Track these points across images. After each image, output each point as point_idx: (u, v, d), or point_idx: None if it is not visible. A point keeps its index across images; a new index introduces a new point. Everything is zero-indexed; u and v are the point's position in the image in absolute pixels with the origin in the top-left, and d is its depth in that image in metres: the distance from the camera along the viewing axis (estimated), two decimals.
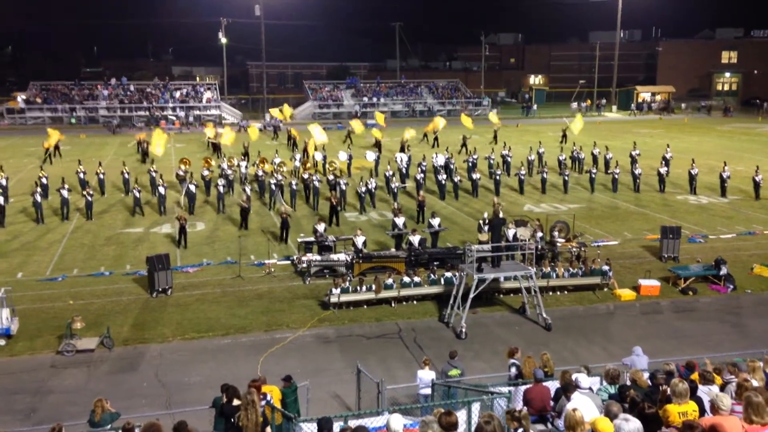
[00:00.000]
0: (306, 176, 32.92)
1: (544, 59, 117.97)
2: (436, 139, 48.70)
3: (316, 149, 38.63)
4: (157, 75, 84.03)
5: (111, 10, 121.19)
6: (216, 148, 45.28)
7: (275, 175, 32.51)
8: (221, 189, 30.82)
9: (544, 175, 34.63)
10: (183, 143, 53.31)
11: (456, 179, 33.63)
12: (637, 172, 34.87)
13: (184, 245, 25.04)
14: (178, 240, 25.23)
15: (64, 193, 29.16)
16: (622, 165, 36.94)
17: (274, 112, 56.62)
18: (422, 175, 33.35)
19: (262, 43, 74.75)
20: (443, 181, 33.12)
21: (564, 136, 48.06)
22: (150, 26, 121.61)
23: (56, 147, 43.47)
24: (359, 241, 22.79)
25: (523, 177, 34.55)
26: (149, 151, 42.61)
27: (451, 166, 36.22)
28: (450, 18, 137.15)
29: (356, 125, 48.84)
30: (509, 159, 38.51)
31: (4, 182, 31.41)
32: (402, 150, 40.67)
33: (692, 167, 34.21)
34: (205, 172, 33.86)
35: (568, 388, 9.39)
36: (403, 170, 36.03)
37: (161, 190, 30.18)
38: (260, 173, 33.65)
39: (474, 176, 34.06)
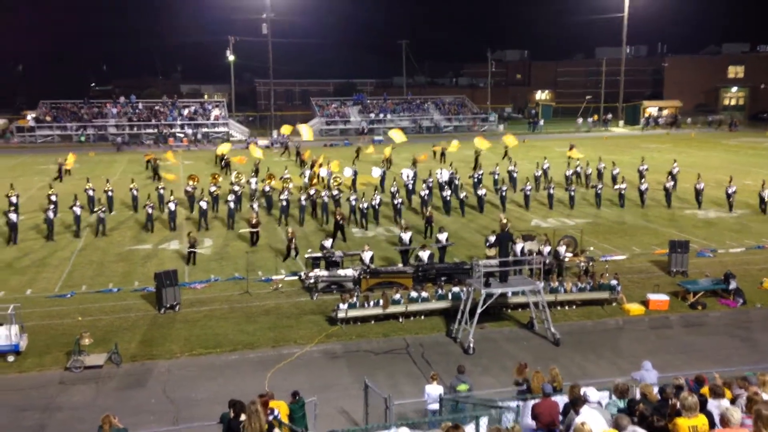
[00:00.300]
0: (313, 192, 33.04)
1: (551, 75, 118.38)
2: (443, 155, 48.79)
3: (321, 165, 38.85)
4: (166, 93, 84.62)
5: (120, 29, 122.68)
6: (227, 164, 45.54)
7: (284, 191, 32.63)
8: (231, 205, 30.96)
9: (551, 191, 34.60)
10: (191, 160, 53.58)
11: (462, 195, 33.62)
12: (643, 187, 34.76)
13: (193, 262, 25.12)
14: (188, 258, 25.31)
15: (77, 210, 29.45)
16: (630, 180, 36.84)
17: (300, 129, 53.84)
18: (428, 191, 33.43)
19: (269, 61, 75.28)
20: (448, 197, 33.13)
21: (506, 153, 48.49)
22: (158, 45, 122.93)
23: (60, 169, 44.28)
24: (366, 256, 22.80)
25: (529, 192, 34.48)
26: (159, 168, 43.12)
27: (456, 182, 36.26)
28: (456, 35, 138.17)
29: (368, 148, 49.41)
30: (515, 174, 38.53)
31: (15, 200, 31.62)
32: (414, 164, 41.14)
33: (698, 182, 34.10)
34: (213, 188, 34.06)
35: (576, 402, 9.35)
36: (409, 186, 36.02)
37: (171, 206, 30.35)
38: (267, 189, 33.83)
39: (479, 192, 34.06)
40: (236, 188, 33.52)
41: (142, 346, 17.94)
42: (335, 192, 33.00)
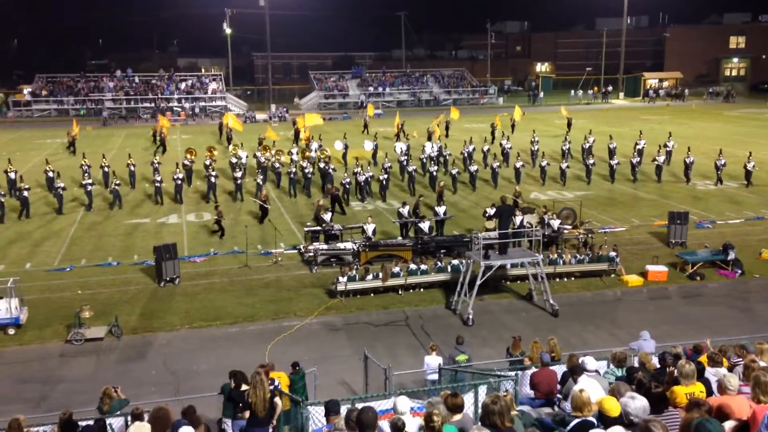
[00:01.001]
0: (305, 164, 32.93)
1: (551, 47, 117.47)
2: (447, 127, 48.30)
3: (312, 139, 38.83)
4: (163, 67, 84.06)
5: (116, 2, 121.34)
6: (229, 138, 45.37)
7: (274, 162, 32.75)
8: (238, 179, 31.30)
9: (544, 165, 33.62)
10: (189, 134, 53.33)
11: (454, 171, 32.62)
12: (635, 161, 33.89)
13: (222, 234, 25.26)
14: (218, 231, 25.41)
15: (89, 186, 29.58)
16: (626, 154, 36.38)
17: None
18: (414, 167, 33.13)
19: (267, 34, 74.60)
20: (434, 172, 32.17)
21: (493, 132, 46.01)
22: (155, 18, 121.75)
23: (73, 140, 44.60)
24: (369, 228, 22.88)
25: (520, 168, 33.59)
26: (166, 140, 43.38)
27: (446, 157, 35.83)
28: (455, 7, 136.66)
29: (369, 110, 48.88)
30: (508, 150, 37.56)
31: (13, 176, 31.35)
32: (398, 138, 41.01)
33: (687, 155, 33.10)
34: (207, 162, 34.04)
35: (575, 371, 9.40)
36: (403, 162, 35.48)
37: (178, 181, 30.73)
38: (263, 160, 34.25)
39: (471, 168, 33.26)
40: (234, 161, 33.50)
41: (142, 319, 18.01)
42: (322, 165, 32.95)
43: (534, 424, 8.66)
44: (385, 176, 31.29)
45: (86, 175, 30.69)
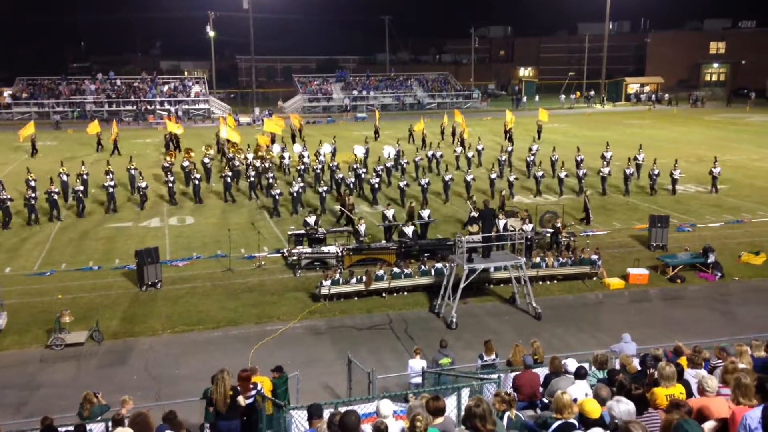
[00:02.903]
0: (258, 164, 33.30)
1: (534, 51, 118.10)
2: (452, 132, 47.64)
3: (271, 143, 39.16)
4: (145, 69, 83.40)
5: (98, 4, 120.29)
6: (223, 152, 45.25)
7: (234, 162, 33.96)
8: (252, 178, 31.85)
9: (511, 179, 31.20)
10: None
11: (424, 182, 30.10)
12: (606, 171, 32.06)
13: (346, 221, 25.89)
14: (342, 216, 26.23)
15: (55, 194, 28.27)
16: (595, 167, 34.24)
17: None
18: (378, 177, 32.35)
19: (250, 37, 74.29)
20: (376, 185, 30.61)
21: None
22: (137, 21, 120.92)
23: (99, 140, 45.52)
24: (361, 229, 23.12)
25: (494, 178, 31.60)
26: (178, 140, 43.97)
27: (402, 164, 35.12)
28: (439, 11, 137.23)
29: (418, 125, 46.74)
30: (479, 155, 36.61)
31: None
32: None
33: (653, 168, 31.69)
34: (186, 163, 34.23)
35: (557, 373, 9.44)
36: (389, 165, 35.37)
37: (196, 181, 31.03)
38: (237, 163, 34.88)
39: (446, 177, 30.93)
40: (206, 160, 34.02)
41: (123, 324, 17.85)
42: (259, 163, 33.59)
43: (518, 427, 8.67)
44: (377, 180, 31.17)
45: (109, 176, 29.76)
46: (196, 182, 31.21)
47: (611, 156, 34.32)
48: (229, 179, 31.29)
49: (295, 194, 28.60)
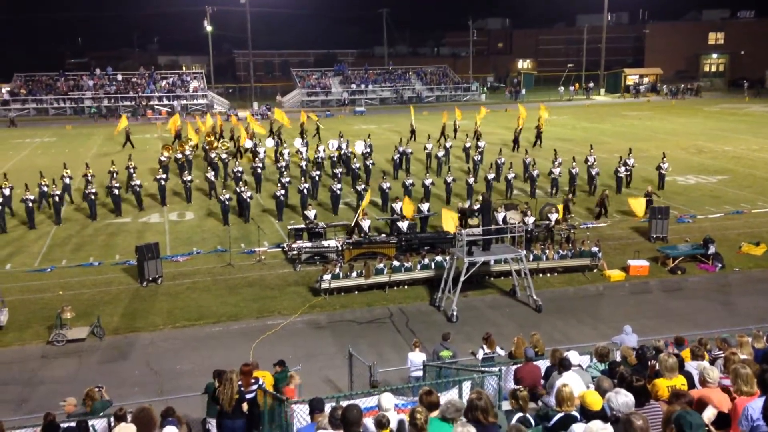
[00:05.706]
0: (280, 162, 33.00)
1: (532, 43, 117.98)
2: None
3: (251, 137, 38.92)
4: (143, 65, 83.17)
5: (95, 0, 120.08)
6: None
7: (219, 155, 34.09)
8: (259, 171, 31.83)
9: (510, 178, 29.79)
10: (170, 132, 52.77)
11: (408, 182, 28.76)
12: (594, 172, 30.39)
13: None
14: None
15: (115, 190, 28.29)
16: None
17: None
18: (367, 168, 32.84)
19: (248, 31, 74.18)
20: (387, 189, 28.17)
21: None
22: (135, 16, 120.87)
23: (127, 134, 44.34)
24: (365, 224, 23.07)
25: (491, 179, 29.81)
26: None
27: (408, 154, 34.67)
28: (437, 4, 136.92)
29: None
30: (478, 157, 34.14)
31: (8, 192, 27.33)
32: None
33: (628, 157, 31.08)
34: (179, 156, 34.37)
35: (558, 365, 9.45)
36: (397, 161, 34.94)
37: (162, 182, 29.81)
38: (224, 156, 35.05)
39: (448, 179, 29.23)
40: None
41: (124, 319, 17.86)
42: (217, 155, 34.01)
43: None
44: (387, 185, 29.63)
45: (133, 175, 29.71)
46: (188, 184, 30.17)
47: (633, 163, 31.77)
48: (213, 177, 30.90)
49: (280, 197, 27.20)
